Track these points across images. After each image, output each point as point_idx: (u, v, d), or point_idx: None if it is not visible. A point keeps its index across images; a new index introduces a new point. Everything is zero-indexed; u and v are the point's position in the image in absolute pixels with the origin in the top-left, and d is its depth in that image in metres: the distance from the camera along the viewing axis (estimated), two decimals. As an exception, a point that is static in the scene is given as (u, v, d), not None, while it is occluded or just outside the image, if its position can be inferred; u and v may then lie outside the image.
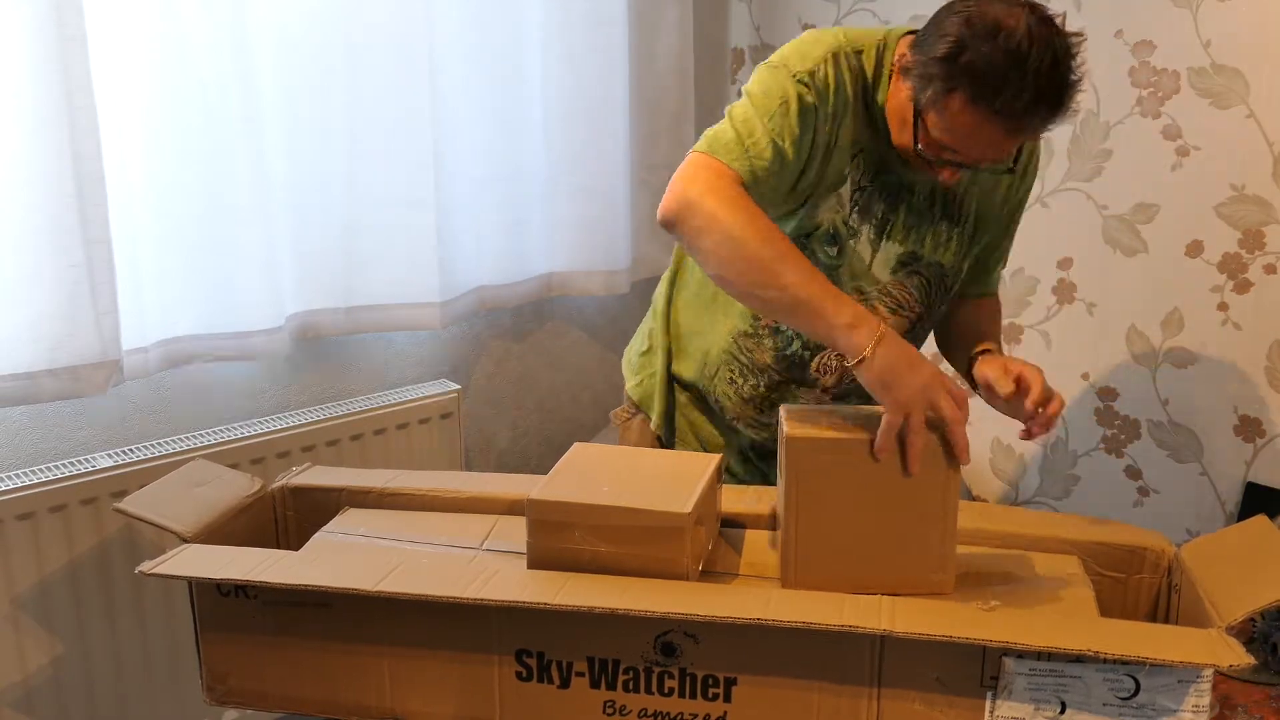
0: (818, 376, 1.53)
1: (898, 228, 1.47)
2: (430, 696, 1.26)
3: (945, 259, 1.51)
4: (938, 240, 1.50)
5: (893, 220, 1.47)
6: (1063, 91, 1.25)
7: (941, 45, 1.25)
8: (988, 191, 1.51)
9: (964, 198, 1.49)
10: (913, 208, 1.47)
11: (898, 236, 1.47)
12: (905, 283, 1.50)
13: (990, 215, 1.54)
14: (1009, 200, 1.55)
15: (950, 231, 1.50)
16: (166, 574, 1.26)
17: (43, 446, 1.91)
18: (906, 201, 1.47)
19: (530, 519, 1.24)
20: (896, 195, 1.46)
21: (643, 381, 1.70)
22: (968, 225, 1.51)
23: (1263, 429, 2.19)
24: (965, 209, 1.50)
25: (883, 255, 1.48)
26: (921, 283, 1.50)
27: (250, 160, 1.97)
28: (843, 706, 1.15)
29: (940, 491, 1.19)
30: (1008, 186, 1.53)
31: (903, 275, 1.49)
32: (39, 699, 1.82)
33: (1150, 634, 1.13)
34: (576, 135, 2.45)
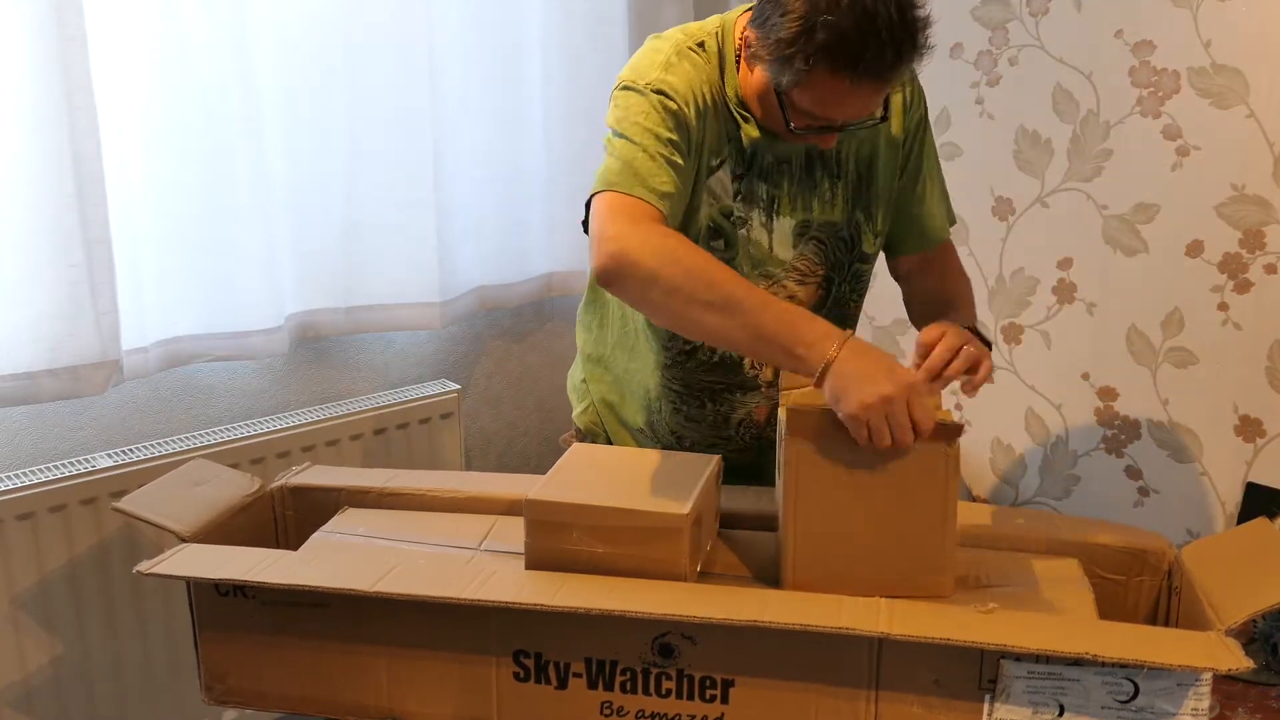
0: (755, 372, 1.51)
1: (784, 202, 1.46)
2: (428, 696, 1.26)
3: (835, 216, 1.49)
4: (823, 200, 1.48)
5: (778, 196, 1.46)
6: (917, 35, 1.25)
7: (789, 25, 1.24)
8: (864, 137, 1.48)
9: (840, 151, 1.48)
10: (794, 178, 1.47)
11: (786, 211, 1.47)
12: (805, 251, 1.48)
13: (876, 158, 1.50)
14: (894, 137, 1.50)
15: (833, 187, 1.48)
16: (165, 574, 1.26)
17: (43, 446, 1.91)
18: (787, 174, 1.46)
19: (528, 519, 1.24)
20: (776, 172, 1.46)
21: (586, 409, 1.68)
22: (849, 175, 1.49)
23: (1263, 429, 2.19)
24: (843, 161, 1.48)
25: (779, 234, 1.47)
26: (818, 247, 1.49)
27: (250, 160, 1.97)
28: (841, 709, 1.15)
29: (939, 493, 1.19)
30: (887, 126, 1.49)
31: (802, 246, 1.48)
32: (39, 699, 1.82)
33: (1149, 637, 1.13)
34: (576, 135, 2.45)
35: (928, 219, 1.58)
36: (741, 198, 1.45)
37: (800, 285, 1.49)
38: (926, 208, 1.57)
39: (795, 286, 1.49)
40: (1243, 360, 2.18)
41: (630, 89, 1.40)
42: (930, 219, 1.58)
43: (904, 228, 1.57)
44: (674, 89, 1.37)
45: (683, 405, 1.55)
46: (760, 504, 1.43)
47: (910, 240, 1.59)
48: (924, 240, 1.59)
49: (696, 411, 1.55)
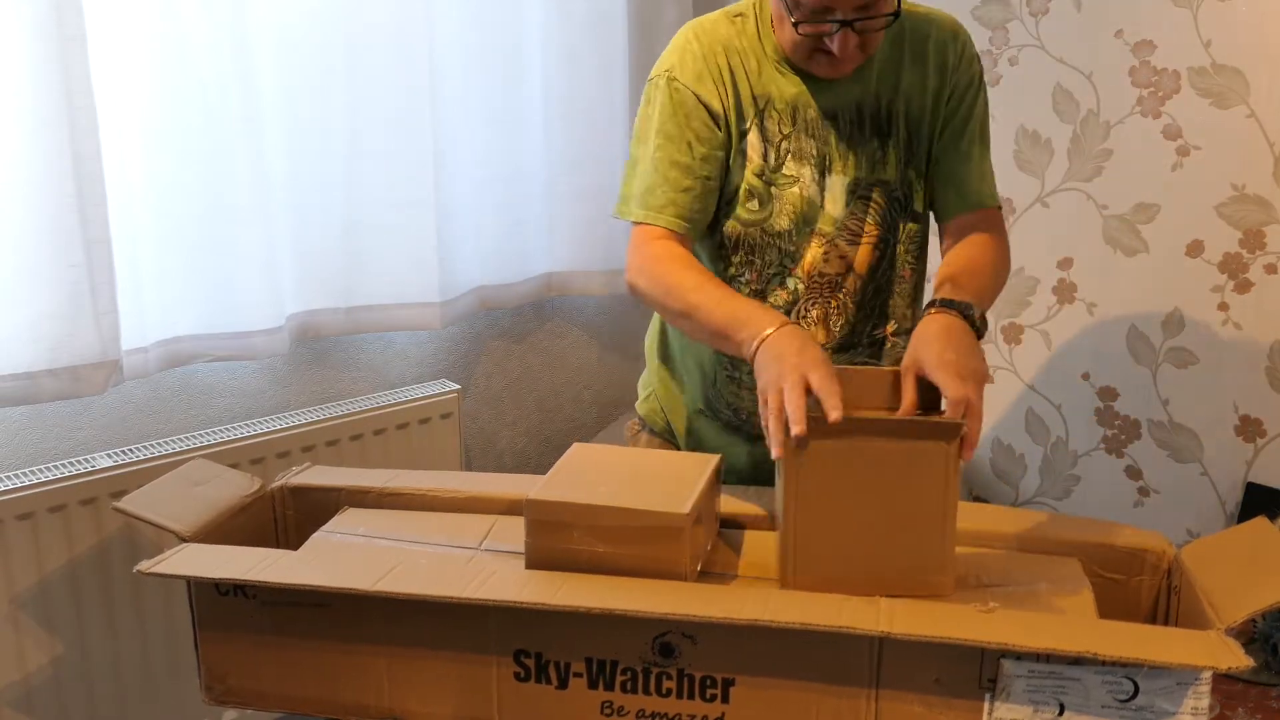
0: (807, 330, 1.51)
1: (835, 159, 1.48)
2: (428, 696, 1.26)
3: (888, 175, 1.50)
4: (874, 159, 1.49)
5: (828, 153, 1.48)
6: None
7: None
8: (912, 96, 1.51)
9: (889, 108, 1.50)
10: (841, 133, 1.48)
11: (838, 168, 1.48)
12: (855, 211, 1.49)
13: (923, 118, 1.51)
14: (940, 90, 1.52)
15: (884, 145, 1.50)
16: (165, 573, 1.26)
17: (43, 446, 1.91)
18: (834, 130, 1.48)
19: (529, 519, 1.24)
20: (822, 127, 1.48)
21: (647, 398, 1.74)
22: (899, 134, 1.50)
23: (1263, 429, 2.19)
24: (893, 119, 1.50)
25: (831, 192, 1.49)
26: (871, 205, 1.50)
27: (250, 160, 1.97)
28: (841, 708, 1.15)
29: (939, 493, 1.19)
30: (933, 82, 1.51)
31: (854, 204, 1.49)
32: (39, 699, 1.82)
33: (1149, 636, 1.13)
34: (576, 135, 2.45)
35: (972, 179, 1.54)
36: (791, 155, 1.48)
37: (853, 246, 1.50)
38: (972, 167, 1.54)
39: (847, 246, 1.50)
40: (1243, 360, 2.18)
41: (649, 85, 1.52)
42: (973, 180, 1.54)
43: (944, 187, 1.54)
44: (685, 73, 1.47)
45: (736, 373, 1.56)
46: (760, 504, 1.43)
47: (951, 200, 1.55)
48: (963, 201, 1.54)
49: (749, 378, 1.54)
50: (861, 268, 1.51)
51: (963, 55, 1.53)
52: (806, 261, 1.50)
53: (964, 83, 1.53)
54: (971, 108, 1.54)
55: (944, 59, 1.52)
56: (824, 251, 1.49)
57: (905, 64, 1.50)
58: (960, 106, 1.53)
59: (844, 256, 1.50)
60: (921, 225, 1.55)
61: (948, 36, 1.53)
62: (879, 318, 1.54)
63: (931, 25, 1.53)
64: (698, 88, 1.46)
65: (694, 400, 1.64)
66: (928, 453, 1.18)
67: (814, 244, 1.49)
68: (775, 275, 1.51)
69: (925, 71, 1.51)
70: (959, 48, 1.53)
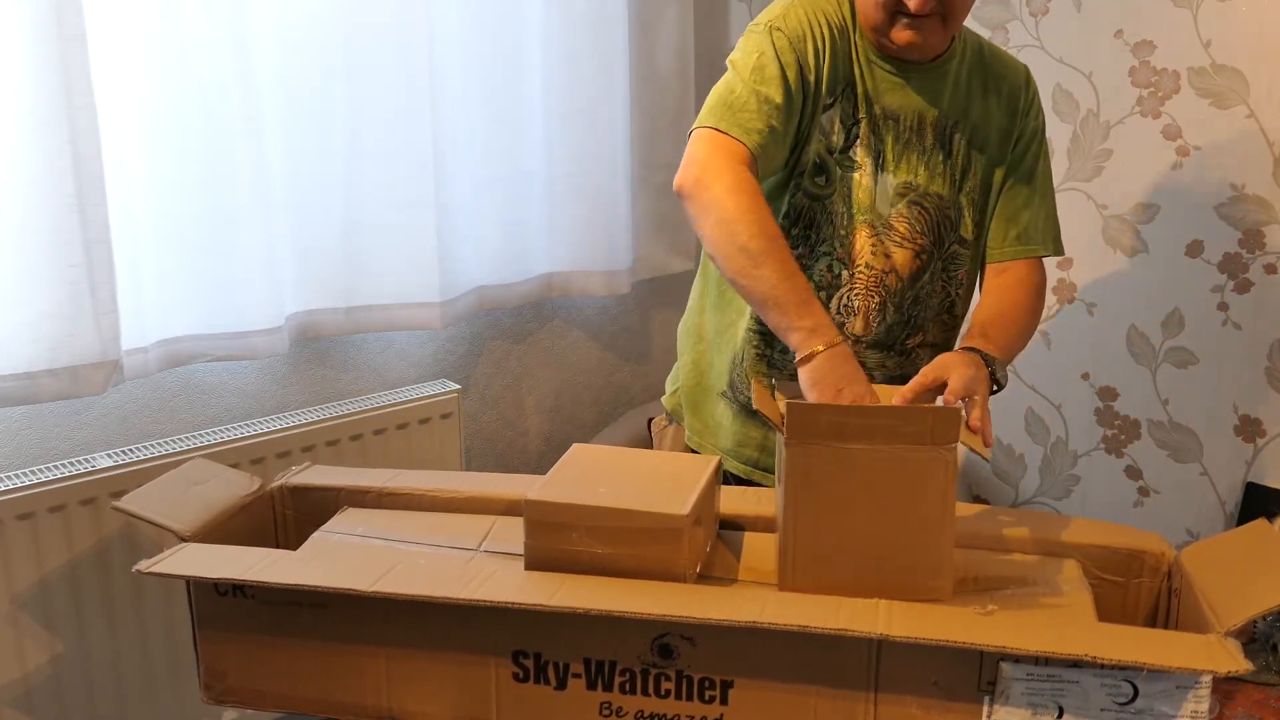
0: (842, 320, 1.52)
1: (889, 158, 1.51)
2: (427, 697, 1.26)
3: (943, 190, 1.53)
4: (933, 170, 1.52)
5: (883, 151, 1.51)
6: None
7: None
8: (978, 127, 1.54)
9: (953, 130, 1.52)
10: (899, 136, 1.51)
11: (891, 167, 1.51)
12: (906, 214, 1.51)
13: (985, 150, 1.54)
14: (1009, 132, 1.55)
15: (944, 163, 1.52)
16: (164, 573, 1.26)
17: (43, 446, 1.91)
18: (893, 130, 1.51)
19: (528, 520, 1.24)
20: (883, 125, 1.50)
21: (674, 392, 1.75)
22: (958, 157, 1.53)
23: (1263, 429, 2.19)
24: (954, 141, 1.53)
25: (883, 188, 1.51)
26: (922, 214, 1.52)
27: (250, 160, 1.97)
28: (840, 710, 1.15)
29: (938, 496, 1.19)
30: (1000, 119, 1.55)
31: (903, 206, 1.51)
32: (39, 699, 1.82)
33: (1148, 639, 1.13)
34: (576, 135, 2.45)
35: (1031, 225, 1.57)
36: (858, 142, 1.50)
37: (899, 247, 1.52)
38: (1031, 215, 1.57)
39: (893, 247, 1.52)
40: (1243, 360, 2.19)
41: (751, 31, 1.50)
42: (1034, 226, 1.57)
43: (1002, 227, 1.57)
44: (789, 28, 1.46)
45: (767, 350, 1.57)
46: (760, 504, 1.43)
47: (1007, 243, 1.57)
48: (1021, 244, 1.57)
49: (780, 358, 1.57)
50: (905, 271, 1.52)
51: (1033, 104, 1.58)
52: (855, 249, 1.51)
53: (1030, 130, 1.57)
54: (1037, 156, 1.58)
55: (1016, 103, 1.56)
56: (872, 243, 1.51)
57: (978, 94, 1.54)
58: (1026, 154, 1.57)
59: (889, 255, 1.52)
60: (967, 251, 1.56)
61: (1021, 82, 1.58)
62: (912, 327, 1.57)
63: (1007, 67, 1.58)
64: (799, 45, 1.46)
65: (720, 381, 1.65)
66: (926, 457, 1.18)
67: (864, 232, 1.51)
68: (825, 254, 1.52)
69: (997, 108, 1.55)
70: (1030, 95, 1.58)
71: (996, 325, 1.49)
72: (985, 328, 1.48)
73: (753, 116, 1.42)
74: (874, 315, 1.53)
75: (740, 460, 1.64)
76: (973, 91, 1.54)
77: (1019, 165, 1.57)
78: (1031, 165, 1.58)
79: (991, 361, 1.41)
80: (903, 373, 1.55)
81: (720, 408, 1.65)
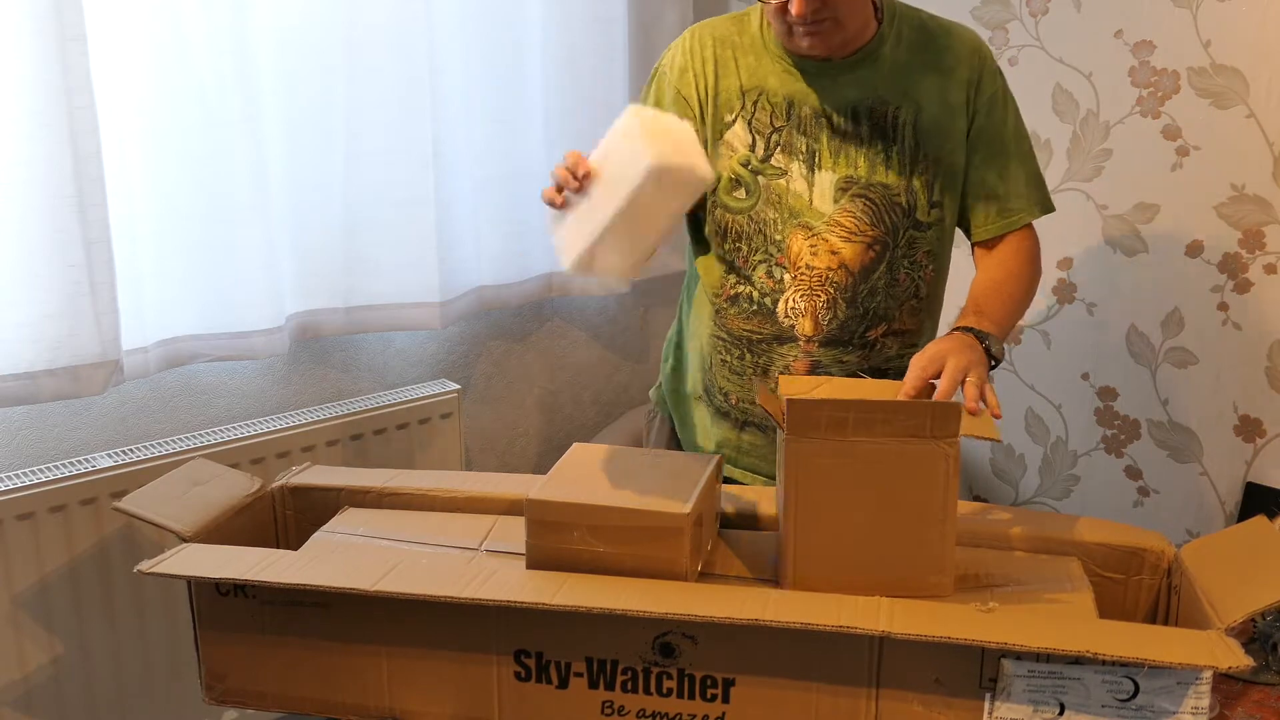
0: (790, 322, 1.53)
1: (825, 155, 1.51)
2: (429, 696, 1.26)
3: (890, 179, 1.50)
4: (873, 160, 1.50)
5: (818, 150, 1.51)
6: None
7: None
8: (925, 106, 1.50)
9: (896, 114, 1.50)
10: (834, 131, 1.50)
11: (828, 164, 1.50)
12: (849, 208, 1.50)
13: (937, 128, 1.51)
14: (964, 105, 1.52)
15: (888, 149, 1.50)
16: (165, 573, 1.26)
17: (43, 446, 1.91)
18: (827, 127, 1.50)
19: (529, 519, 1.24)
20: (815, 125, 1.51)
21: (658, 386, 1.79)
22: (905, 141, 1.50)
23: (1263, 429, 2.19)
24: (900, 126, 1.50)
25: (819, 187, 1.51)
26: (868, 205, 1.50)
27: (250, 160, 1.97)
28: (841, 707, 1.15)
29: (940, 491, 1.19)
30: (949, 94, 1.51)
31: (846, 201, 1.50)
32: (39, 699, 1.82)
33: (1149, 635, 1.13)
34: (576, 135, 2.45)
35: (1012, 198, 1.55)
36: (780, 148, 1.51)
37: (845, 242, 1.51)
38: (1010, 187, 1.55)
39: (839, 242, 1.51)
40: (1243, 360, 2.19)
41: (651, 75, 1.62)
42: (1014, 198, 1.55)
43: (984, 207, 1.56)
44: (670, 67, 1.57)
45: (728, 356, 1.59)
46: (760, 504, 1.43)
47: (992, 221, 1.56)
48: (1005, 220, 1.56)
49: (738, 363, 1.58)
50: (854, 266, 1.52)
51: (984, 69, 1.54)
52: (792, 252, 1.52)
53: (988, 98, 1.53)
54: (1003, 121, 1.55)
55: (966, 75, 1.52)
56: (810, 245, 1.51)
57: (919, 73, 1.51)
58: (990, 121, 1.54)
59: (835, 252, 1.51)
60: (927, 235, 1.54)
61: (970, 50, 1.54)
62: (872, 319, 1.55)
63: (952, 38, 1.54)
64: (679, 82, 1.55)
65: (695, 385, 1.67)
66: (927, 453, 1.18)
67: (799, 236, 1.51)
68: (762, 262, 1.54)
69: (944, 83, 1.51)
70: (980, 62, 1.54)
71: (991, 299, 1.50)
72: (979, 303, 1.49)
73: None
74: (822, 314, 1.52)
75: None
76: (913, 71, 1.51)
77: (985, 135, 1.53)
78: (998, 131, 1.54)
79: (986, 337, 1.40)
80: (869, 365, 1.56)
81: (699, 410, 1.67)
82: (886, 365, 1.57)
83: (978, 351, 1.36)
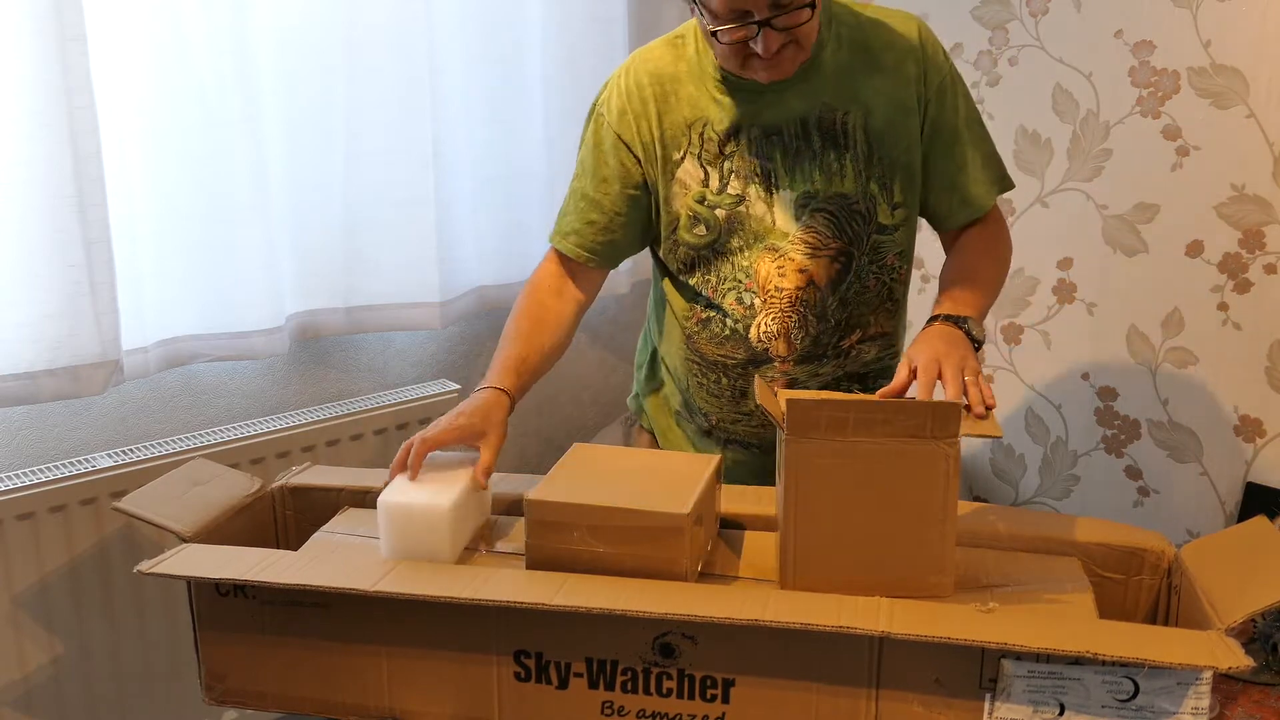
0: (764, 345, 1.51)
1: (781, 174, 1.46)
2: (428, 697, 1.26)
3: (846, 188, 1.46)
4: (829, 172, 1.46)
5: (772, 169, 1.46)
6: None
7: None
8: (874, 108, 1.45)
9: (845, 120, 1.45)
10: (788, 148, 1.45)
11: (785, 182, 1.46)
12: (811, 224, 1.47)
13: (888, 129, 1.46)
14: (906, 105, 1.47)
15: (840, 158, 1.46)
16: (165, 573, 1.26)
17: (43, 446, 1.91)
18: (779, 145, 1.46)
19: (529, 519, 1.24)
20: (766, 144, 1.46)
21: (636, 394, 1.77)
22: (858, 146, 1.46)
23: (1263, 429, 2.19)
24: (850, 132, 1.45)
25: (781, 207, 1.47)
26: (829, 219, 1.47)
27: (250, 160, 1.97)
28: (841, 707, 1.15)
29: (940, 491, 1.19)
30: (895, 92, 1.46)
31: (807, 218, 1.46)
32: (39, 699, 1.82)
33: (1149, 636, 1.13)
34: (576, 135, 2.44)
35: (971, 185, 1.52)
36: (734, 174, 1.47)
37: (811, 259, 1.47)
38: (969, 174, 1.51)
39: (805, 259, 1.48)
40: (1243, 360, 2.19)
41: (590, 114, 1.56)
42: (973, 185, 1.52)
43: (945, 198, 1.53)
44: (609, 108, 1.51)
45: (704, 379, 1.57)
46: (760, 504, 1.43)
47: (955, 211, 1.53)
48: (968, 209, 1.53)
49: (715, 386, 1.57)
50: (822, 280, 1.48)
51: (930, 61, 1.47)
52: (760, 276, 1.49)
53: (936, 87, 1.48)
54: (955, 109, 1.49)
55: (909, 69, 1.46)
56: (778, 266, 1.48)
57: (863, 74, 1.45)
58: (943, 111, 1.48)
59: (803, 270, 1.48)
60: (894, 237, 1.51)
61: (911, 44, 1.47)
62: (845, 329, 1.53)
63: (891, 32, 1.47)
64: (619, 126, 1.50)
65: (674, 401, 1.66)
66: (927, 453, 1.18)
67: (765, 259, 1.48)
68: (730, 290, 1.50)
69: (888, 82, 1.46)
70: (925, 54, 1.47)
71: (965, 283, 1.47)
72: (951, 289, 1.46)
73: (570, 220, 1.55)
74: (795, 333, 1.50)
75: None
76: (856, 73, 1.45)
77: (940, 126, 1.48)
78: (952, 119, 1.49)
79: (965, 321, 1.38)
80: (844, 372, 1.54)
81: (683, 426, 1.67)
82: (865, 370, 1.56)
83: (966, 344, 1.35)
